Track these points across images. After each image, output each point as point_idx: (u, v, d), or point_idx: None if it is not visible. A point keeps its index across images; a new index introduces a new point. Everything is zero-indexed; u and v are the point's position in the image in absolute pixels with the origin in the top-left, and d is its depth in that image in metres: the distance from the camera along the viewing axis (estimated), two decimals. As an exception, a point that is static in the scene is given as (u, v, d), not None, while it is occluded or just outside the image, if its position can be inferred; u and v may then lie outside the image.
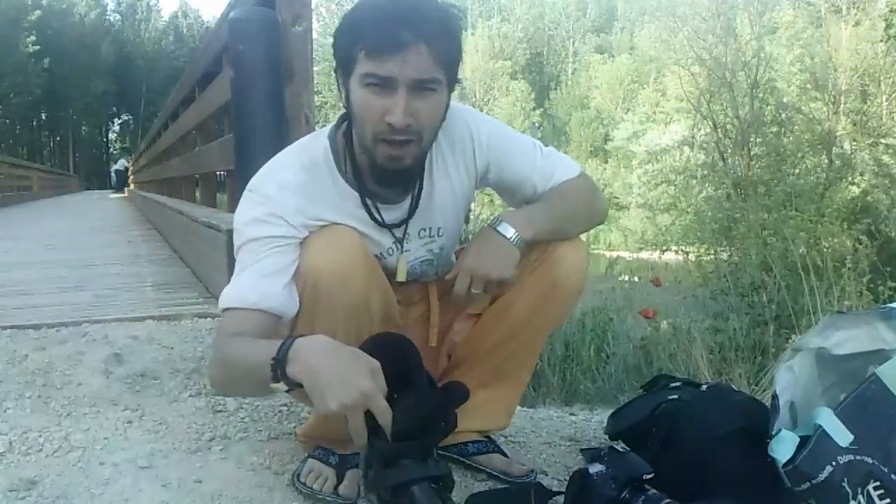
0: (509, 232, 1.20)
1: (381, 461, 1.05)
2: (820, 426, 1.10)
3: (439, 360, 1.41)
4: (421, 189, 1.25)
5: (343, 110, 1.19)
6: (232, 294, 1.16)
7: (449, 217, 1.31)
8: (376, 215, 1.23)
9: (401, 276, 1.28)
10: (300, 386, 0.99)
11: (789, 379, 1.24)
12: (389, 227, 1.25)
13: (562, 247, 1.29)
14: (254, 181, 1.21)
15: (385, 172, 1.15)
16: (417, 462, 1.04)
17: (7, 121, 45.14)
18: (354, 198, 1.22)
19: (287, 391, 1.03)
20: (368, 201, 1.22)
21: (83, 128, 52.02)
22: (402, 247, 1.28)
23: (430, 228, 1.30)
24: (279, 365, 1.00)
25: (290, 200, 1.17)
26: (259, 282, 1.14)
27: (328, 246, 1.16)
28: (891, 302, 1.38)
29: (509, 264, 1.20)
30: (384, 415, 0.97)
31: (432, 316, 1.38)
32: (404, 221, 1.26)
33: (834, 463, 1.08)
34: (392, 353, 1.05)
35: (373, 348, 1.03)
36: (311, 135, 1.30)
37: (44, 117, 49.51)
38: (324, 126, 1.30)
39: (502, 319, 1.33)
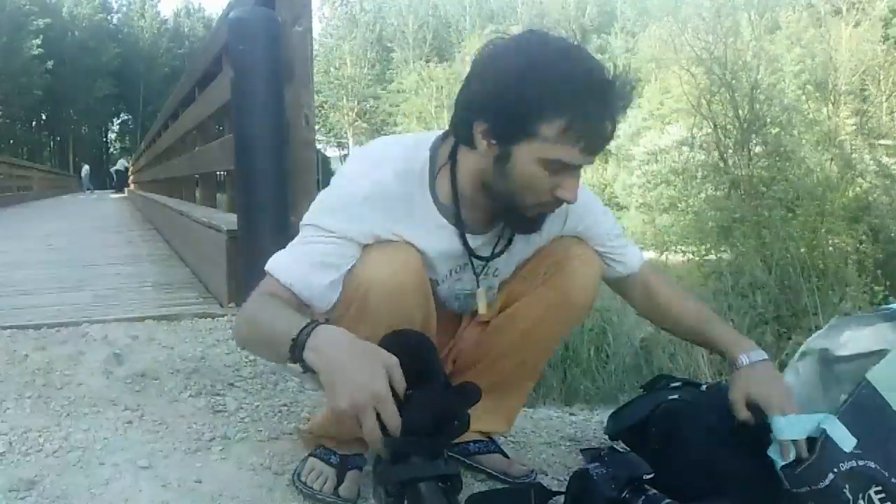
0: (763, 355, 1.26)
1: (391, 456, 1.05)
2: (824, 430, 1.10)
3: (445, 365, 1.40)
4: (512, 239, 1.25)
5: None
6: (279, 263, 1.15)
7: (512, 265, 1.31)
8: (468, 243, 1.21)
9: (483, 309, 1.28)
10: (314, 372, 0.99)
11: (793, 381, 1.24)
12: (473, 255, 1.23)
13: (574, 261, 1.28)
14: (351, 168, 1.19)
15: (523, 221, 1.16)
16: (427, 460, 1.03)
17: (8, 121, 45.15)
18: (436, 216, 1.19)
19: (303, 373, 1.02)
20: (457, 230, 1.20)
21: (83, 128, 52.01)
22: (478, 282, 1.27)
23: (489, 267, 1.28)
24: (297, 347, 1.00)
25: (374, 205, 1.14)
26: (307, 268, 1.13)
27: (387, 263, 1.14)
28: (887, 301, 1.38)
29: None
30: (392, 420, 0.96)
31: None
32: (488, 258, 1.25)
33: (836, 470, 1.08)
34: (410, 350, 1.05)
35: (391, 344, 1.03)
36: (417, 138, 1.24)
37: (44, 118, 49.52)
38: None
39: (510, 329, 1.33)
